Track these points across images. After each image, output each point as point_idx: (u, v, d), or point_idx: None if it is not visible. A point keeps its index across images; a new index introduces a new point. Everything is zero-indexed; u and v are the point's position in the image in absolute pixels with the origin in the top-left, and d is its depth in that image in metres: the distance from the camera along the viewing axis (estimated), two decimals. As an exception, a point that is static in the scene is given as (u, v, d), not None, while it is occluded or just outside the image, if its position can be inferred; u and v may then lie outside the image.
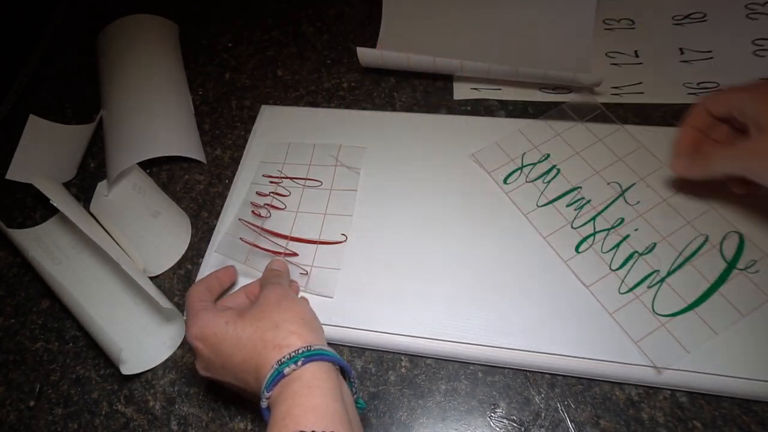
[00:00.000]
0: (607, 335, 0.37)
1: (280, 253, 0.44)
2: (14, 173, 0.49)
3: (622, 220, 0.42)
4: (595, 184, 0.44)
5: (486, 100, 0.52)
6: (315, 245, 0.44)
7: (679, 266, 0.39)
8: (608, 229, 0.41)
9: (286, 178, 0.48)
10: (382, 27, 0.58)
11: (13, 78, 0.61)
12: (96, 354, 0.43)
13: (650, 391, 0.37)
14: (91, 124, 0.54)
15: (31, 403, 0.42)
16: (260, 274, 0.42)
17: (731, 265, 0.39)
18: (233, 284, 0.42)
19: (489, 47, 0.54)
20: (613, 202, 0.43)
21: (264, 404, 0.30)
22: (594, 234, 0.41)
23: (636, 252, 0.40)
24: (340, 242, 0.44)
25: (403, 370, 0.40)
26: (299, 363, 0.30)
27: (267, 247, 0.44)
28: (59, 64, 0.63)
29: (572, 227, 0.42)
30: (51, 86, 0.61)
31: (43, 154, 0.51)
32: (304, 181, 0.48)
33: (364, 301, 0.41)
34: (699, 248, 0.40)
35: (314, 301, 0.41)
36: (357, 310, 0.40)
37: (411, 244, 0.43)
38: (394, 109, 0.53)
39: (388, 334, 0.39)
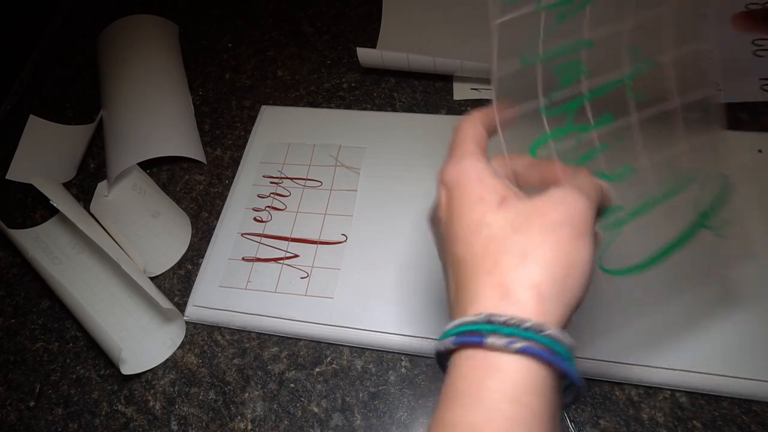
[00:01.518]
0: (606, 335, 0.37)
1: (281, 258, 0.44)
2: (14, 173, 0.49)
3: (610, 119, 0.27)
4: (610, 45, 0.27)
5: (486, 100, 0.52)
6: (315, 245, 0.44)
7: (648, 208, 0.29)
8: (583, 129, 0.27)
9: (286, 178, 0.48)
10: (382, 27, 0.58)
11: (13, 78, 0.61)
12: (96, 354, 0.43)
13: (650, 391, 0.37)
14: (91, 124, 0.54)
15: (31, 403, 0.42)
16: (263, 293, 0.42)
17: (699, 224, 0.29)
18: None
19: (489, 47, 0.54)
20: (611, 84, 0.27)
21: (440, 348, 0.22)
22: (563, 131, 0.27)
23: (602, 174, 0.27)
24: (340, 242, 0.44)
25: (403, 370, 0.40)
26: (515, 345, 0.19)
27: (268, 256, 0.44)
28: (59, 64, 0.63)
29: (543, 109, 0.26)
30: (51, 86, 0.61)
31: (43, 154, 0.51)
32: (304, 181, 0.48)
33: (364, 301, 0.41)
34: (679, 189, 0.29)
35: (314, 302, 0.41)
36: (357, 310, 0.41)
37: (411, 244, 0.43)
38: (394, 110, 0.53)
39: (388, 334, 0.39)
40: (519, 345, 0.19)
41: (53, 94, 0.60)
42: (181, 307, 0.44)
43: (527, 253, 0.21)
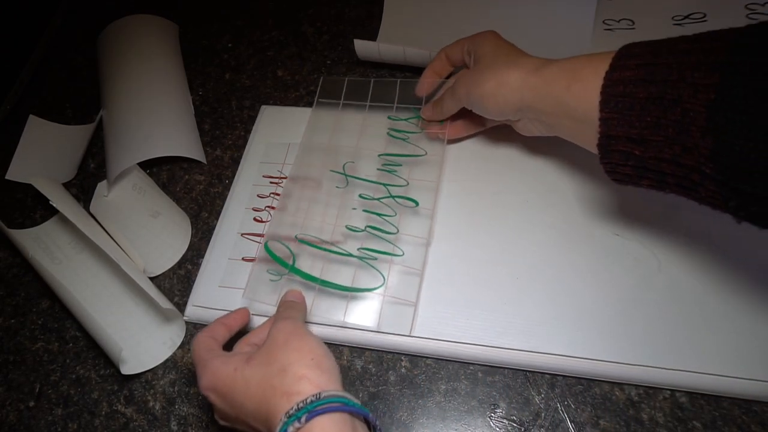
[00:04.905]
0: (606, 335, 0.37)
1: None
2: (14, 173, 0.49)
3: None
4: None
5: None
6: (315, 245, 0.44)
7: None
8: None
9: (286, 178, 0.48)
10: (382, 27, 0.58)
11: (13, 78, 0.61)
12: (96, 354, 0.43)
13: (650, 391, 0.37)
14: (91, 124, 0.54)
15: (31, 404, 0.42)
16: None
17: None
18: (247, 327, 0.40)
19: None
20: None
21: None
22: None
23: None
24: (339, 242, 0.44)
25: (403, 370, 0.40)
26: (302, 420, 0.27)
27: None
28: (59, 64, 0.63)
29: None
30: (51, 86, 0.61)
31: (43, 154, 0.51)
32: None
33: (365, 301, 0.41)
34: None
35: (314, 301, 0.41)
36: (357, 309, 0.40)
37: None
38: (394, 109, 0.53)
39: (388, 334, 0.39)
40: (304, 417, 0.27)
41: (53, 94, 0.60)
42: (181, 307, 0.44)
43: (284, 367, 0.30)
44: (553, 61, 0.35)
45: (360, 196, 0.45)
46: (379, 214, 0.43)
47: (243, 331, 0.38)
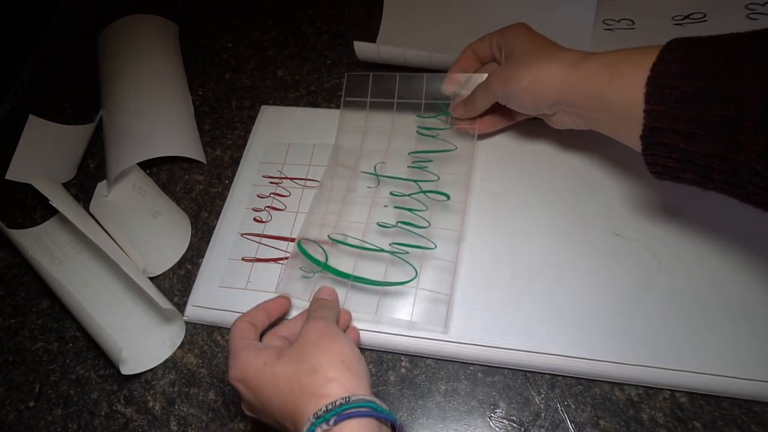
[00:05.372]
0: (607, 335, 0.37)
1: (281, 258, 0.44)
2: (14, 173, 0.49)
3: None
4: None
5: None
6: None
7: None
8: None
9: (286, 178, 0.48)
10: (382, 27, 0.58)
11: (13, 78, 0.61)
12: (96, 354, 0.43)
13: (650, 391, 0.37)
14: (91, 124, 0.54)
15: (31, 404, 0.42)
16: (262, 293, 0.42)
17: None
18: (286, 315, 0.40)
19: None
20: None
21: None
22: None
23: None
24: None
25: (403, 370, 0.40)
26: (331, 422, 0.27)
27: (268, 256, 0.44)
28: (59, 64, 0.63)
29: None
30: (51, 86, 0.61)
31: (43, 154, 0.51)
32: (303, 181, 0.48)
33: (366, 301, 0.41)
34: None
35: (314, 302, 0.41)
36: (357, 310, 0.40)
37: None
38: (394, 109, 0.53)
39: (387, 334, 0.39)
40: (333, 419, 0.27)
41: (53, 94, 0.60)
42: (181, 307, 0.44)
43: (314, 368, 0.30)
44: (592, 55, 0.35)
45: (391, 193, 0.44)
46: (410, 210, 0.43)
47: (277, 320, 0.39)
